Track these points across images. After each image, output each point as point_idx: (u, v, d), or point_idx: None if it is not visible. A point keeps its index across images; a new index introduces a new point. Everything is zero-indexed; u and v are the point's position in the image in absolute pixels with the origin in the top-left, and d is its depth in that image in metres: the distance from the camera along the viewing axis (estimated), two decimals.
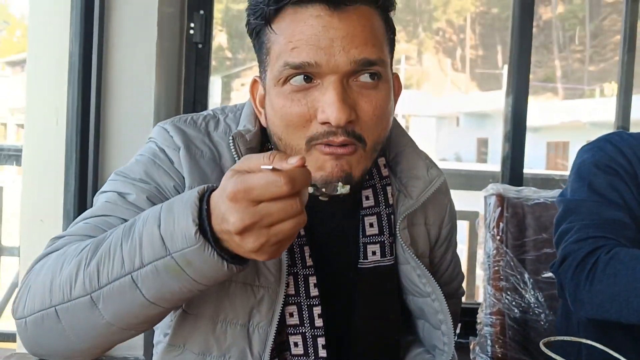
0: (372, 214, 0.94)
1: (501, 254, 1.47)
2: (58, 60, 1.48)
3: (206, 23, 1.88)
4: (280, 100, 0.83)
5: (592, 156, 1.14)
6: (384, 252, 0.94)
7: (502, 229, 1.49)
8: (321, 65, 0.79)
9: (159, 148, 0.90)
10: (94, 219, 0.82)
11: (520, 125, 1.89)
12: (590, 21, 26.54)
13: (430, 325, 0.98)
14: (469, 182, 2.84)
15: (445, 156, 21.11)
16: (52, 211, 1.50)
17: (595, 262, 1.00)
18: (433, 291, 0.94)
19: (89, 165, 1.52)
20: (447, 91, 27.26)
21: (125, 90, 1.60)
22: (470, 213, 2.86)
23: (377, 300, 0.95)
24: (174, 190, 0.87)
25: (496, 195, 1.51)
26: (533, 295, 1.44)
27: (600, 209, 1.07)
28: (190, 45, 1.87)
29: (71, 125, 1.49)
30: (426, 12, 28.00)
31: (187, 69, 1.86)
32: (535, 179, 2.47)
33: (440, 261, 1.09)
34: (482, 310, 1.48)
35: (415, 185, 0.95)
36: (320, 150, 0.81)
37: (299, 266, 0.89)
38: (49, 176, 1.51)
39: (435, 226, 1.03)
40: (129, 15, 1.64)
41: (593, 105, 15.33)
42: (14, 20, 34.44)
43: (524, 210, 1.51)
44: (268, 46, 0.85)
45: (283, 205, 0.62)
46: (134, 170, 0.88)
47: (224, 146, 0.91)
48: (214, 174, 0.88)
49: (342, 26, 0.80)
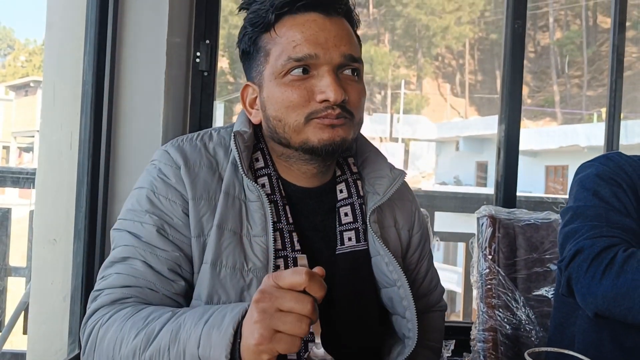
0: (347, 204, 1.09)
1: (493, 273, 1.53)
2: (72, 88, 1.56)
3: (211, 52, 1.97)
4: (282, 88, 1.00)
5: (595, 169, 1.19)
6: (358, 237, 1.08)
7: (494, 248, 1.55)
8: (319, 56, 0.98)
9: (158, 174, 1.02)
10: (122, 266, 0.97)
11: (512, 151, 1.97)
12: (587, 47, 26.84)
13: (398, 315, 1.09)
14: (464, 204, 2.93)
15: (445, 179, 21.19)
16: (64, 230, 1.57)
17: (613, 258, 1.02)
18: (399, 278, 1.06)
19: (100, 186, 1.59)
20: (447, 116, 27.46)
21: (135, 116, 1.68)
22: (466, 235, 2.93)
23: (353, 281, 1.07)
24: (180, 214, 1.00)
25: (488, 217, 1.58)
26: (524, 312, 1.50)
27: (608, 214, 1.11)
28: (196, 72, 1.95)
29: (83, 149, 1.56)
30: (425, 38, 28.34)
31: (192, 95, 1.94)
32: (528, 201, 2.55)
33: (417, 269, 1.21)
34: (475, 327, 1.54)
35: (381, 183, 1.10)
36: (319, 122, 0.99)
37: (289, 250, 1.02)
38: (62, 197, 1.58)
39: (405, 230, 1.17)
40: (140, 46, 1.72)
41: (591, 129, 15.44)
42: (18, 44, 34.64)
43: (515, 231, 1.58)
44: (267, 48, 1.02)
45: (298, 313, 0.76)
46: (140, 201, 1.01)
47: (221, 154, 1.05)
48: (213, 180, 1.02)
49: (333, 28, 1.00)
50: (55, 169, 1.59)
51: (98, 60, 1.60)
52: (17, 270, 2.84)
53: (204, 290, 0.98)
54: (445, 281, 9.85)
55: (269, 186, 1.05)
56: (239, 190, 1.02)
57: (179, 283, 0.98)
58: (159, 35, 1.75)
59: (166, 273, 0.97)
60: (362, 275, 1.08)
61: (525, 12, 2.04)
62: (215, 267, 0.98)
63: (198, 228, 1.00)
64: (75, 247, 1.56)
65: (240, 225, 1.01)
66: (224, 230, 0.99)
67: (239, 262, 0.99)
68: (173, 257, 0.98)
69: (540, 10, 26.71)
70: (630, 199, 1.14)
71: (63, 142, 1.56)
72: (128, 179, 1.65)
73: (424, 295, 1.24)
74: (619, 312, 1.01)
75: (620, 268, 1.00)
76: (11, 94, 22.60)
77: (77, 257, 1.55)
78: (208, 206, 1.00)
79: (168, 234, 0.99)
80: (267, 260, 1.00)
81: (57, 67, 1.61)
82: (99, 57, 1.60)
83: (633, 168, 1.18)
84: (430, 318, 1.26)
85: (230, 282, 0.98)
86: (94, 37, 1.59)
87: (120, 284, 0.96)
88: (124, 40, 1.70)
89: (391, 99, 26.67)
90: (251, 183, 1.01)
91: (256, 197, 1.01)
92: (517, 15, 2.03)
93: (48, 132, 1.58)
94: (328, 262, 1.06)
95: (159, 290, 0.97)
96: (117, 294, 0.95)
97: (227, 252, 0.99)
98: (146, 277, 0.96)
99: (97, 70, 1.59)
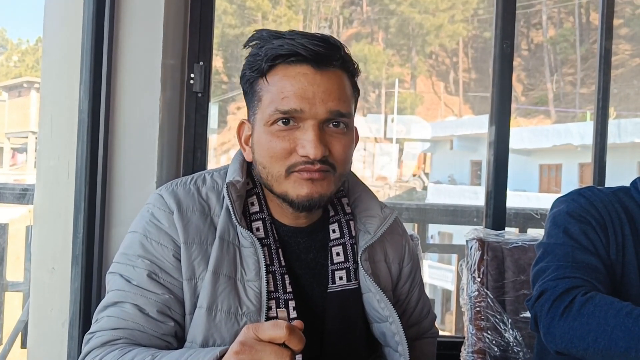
0: (339, 244, 1.13)
1: (482, 296, 1.57)
2: (69, 118, 1.59)
3: (205, 73, 1.99)
4: (268, 136, 1.03)
5: (567, 207, 1.24)
6: (349, 277, 1.11)
7: (482, 271, 1.59)
8: (305, 111, 1.01)
9: (151, 218, 1.06)
10: (113, 310, 1.02)
11: (501, 171, 1.99)
12: (580, 44, 26.93)
13: (391, 348, 1.13)
14: (456, 219, 3.00)
15: (439, 178, 21.26)
16: (62, 257, 1.60)
17: (572, 300, 1.08)
18: (390, 315, 1.10)
19: (96, 212, 1.62)
20: (441, 114, 27.52)
21: (131, 141, 1.70)
22: (458, 246, 2.96)
23: (344, 318, 1.11)
24: (171, 258, 1.04)
25: (477, 240, 1.62)
26: (512, 334, 1.54)
27: (575, 253, 1.17)
28: (190, 94, 1.97)
29: (80, 177, 1.59)
30: (419, 37, 28.36)
31: (187, 117, 1.96)
32: (517, 217, 2.59)
33: (407, 298, 1.24)
34: (464, 349, 1.58)
35: (372, 222, 1.14)
36: (298, 176, 1.02)
37: (280, 292, 1.05)
38: (59, 225, 1.60)
39: (395, 263, 1.20)
40: (135, 70, 1.74)
41: (584, 128, 15.51)
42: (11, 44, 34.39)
43: (504, 254, 1.62)
44: (260, 94, 1.05)
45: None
46: (132, 246, 1.06)
47: (213, 199, 1.08)
48: (205, 224, 1.06)
49: (323, 83, 1.02)
50: (53, 198, 1.61)
51: (94, 87, 1.62)
52: (15, 285, 2.87)
53: (199, 334, 1.02)
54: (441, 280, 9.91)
55: (263, 230, 1.08)
56: (233, 236, 1.06)
57: (168, 324, 1.02)
58: (154, 58, 1.77)
59: (155, 314, 1.01)
60: (353, 311, 1.12)
61: (514, 32, 2.07)
62: (211, 311, 1.02)
63: (190, 271, 1.03)
64: (73, 273, 1.58)
65: (234, 270, 1.04)
66: (219, 275, 1.03)
67: (234, 306, 1.03)
68: (163, 300, 1.02)
69: (534, 9, 26.76)
70: (598, 236, 1.19)
71: (60, 171, 1.59)
72: (125, 204, 1.67)
73: (415, 323, 1.28)
74: (576, 352, 1.06)
75: (578, 312, 1.06)
76: (4, 94, 22.53)
77: (75, 283, 1.58)
78: (199, 250, 1.04)
79: (159, 277, 1.03)
80: (260, 305, 1.03)
81: (53, 97, 1.63)
82: (94, 84, 1.62)
83: (603, 204, 1.22)
84: (422, 345, 1.30)
85: (225, 326, 1.02)
86: (89, 64, 1.61)
87: (110, 327, 1.00)
88: (120, 65, 1.73)
89: (385, 97, 26.69)
90: (244, 231, 1.04)
91: (249, 244, 1.05)
92: (505, 36, 2.06)
93: (45, 161, 1.61)
94: (319, 299, 1.11)
95: (147, 331, 1.00)
96: (107, 336, 1.00)
97: (223, 297, 1.02)
98: (135, 319, 1.00)
99: (93, 97, 1.61)
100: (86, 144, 1.60)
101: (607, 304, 1.05)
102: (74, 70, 1.59)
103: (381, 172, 22.58)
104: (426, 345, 1.31)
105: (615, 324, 1.01)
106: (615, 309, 1.03)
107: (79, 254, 1.59)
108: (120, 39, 1.73)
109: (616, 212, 1.21)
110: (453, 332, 4.07)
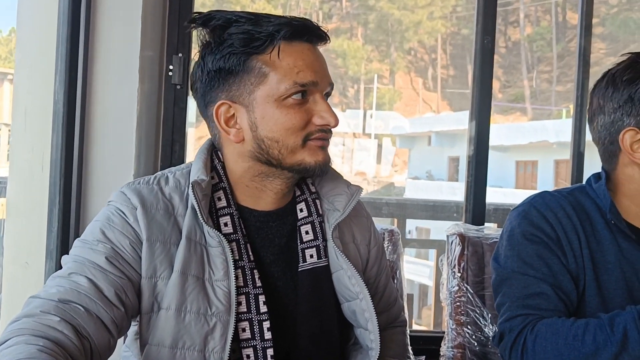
0: (307, 222, 1.14)
1: (462, 291, 1.57)
2: (43, 109, 1.55)
3: (184, 65, 1.96)
4: (283, 110, 1.04)
5: (519, 225, 1.26)
6: (319, 254, 1.12)
7: (463, 266, 1.59)
8: (318, 83, 1.05)
9: (115, 210, 1.04)
10: (64, 280, 0.97)
11: (481, 172, 2.00)
12: (557, 42, 27.28)
13: (362, 328, 1.13)
14: (436, 214, 3.01)
15: (418, 174, 21.40)
16: (36, 252, 1.56)
17: (524, 343, 1.15)
18: (361, 291, 1.11)
19: (72, 207, 1.59)
20: (419, 110, 27.67)
21: (108, 133, 1.67)
22: (438, 242, 2.98)
23: (316, 297, 1.11)
24: (129, 247, 1.02)
25: (458, 235, 1.62)
26: (491, 329, 1.55)
27: (527, 283, 1.21)
28: (168, 86, 1.94)
29: (54, 169, 1.56)
30: (398, 33, 28.45)
31: (165, 110, 1.93)
32: (497, 212, 2.60)
33: (376, 282, 1.25)
34: (444, 344, 1.58)
35: (340, 200, 1.15)
36: (313, 144, 1.06)
37: (250, 287, 1.05)
38: (33, 218, 1.57)
39: (364, 245, 1.22)
40: (113, 61, 1.71)
41: (560, 126, 15.74)
42: None
43: (484, 249, 1.62)
44: (264, 70, 1.04)
45: None
46: (93, 233, 1.03)
47: (176, 199, 1.07)
48: (169, 224, 1.04)
49: (321, 57, 1.09)
50: (26, 191, 1.58)
51: (69, 77, 1.59)
52: None
53: (168, 336, 1.00)
54: (418, 275, 9.91)
55: (231, 225, 1.07)
56: (200, 236, 1.04)
57: (120, 309, 0.98)
58: (132, 50, 1.74)
59: (110, 295, 0.97)
60: (324, 290, 1.12)
61: (494, 28, 2.08)
62: (180, 312, 1.00)
63: (151, 269, 1.01)
64: (47, 267, 1.55)
65: (202, 271, 1.03)
66: (187, 276, 1.01)
67: (203, 307, 1.01)
68: (120, 282, 0.99)
69: (512, 7, 27.02)
70: (553, 252, 1.21)
71: (35, 164, 1.56)
72: (101, 198, 1.64)
73: (384, 310, 1.27)
74: None
75: (532, 350, 1.13)
76: None
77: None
78: (162, 249, 1.02)
79: (119, 262, 1.00)
80: (229, 304, 1.02)
81: (28, 87, 1.60)
82: (70, 74, 1.59)
83: (555, 214, 1.23)
84: (392, 334, 1.30)
85: (195, 327, 1.00)
86: (65, 54, 1.58)
87: (55, 298, 0.94)
88: (96, 56, 1.70)
89: (364, 93, 26.74)
90: (211, 230, 1.02)
91: (217, 243, 1.03)
92: (486, 32, 2.06)
93: (18, 154, 1.57)
94: (291, 283, 1.12)
95: (95, 310, 0.95)
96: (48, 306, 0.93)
97: (192, 298, 1.01)
98: (88, 292, 0.95)
99: (68, 87, 1.58)
100: (61, 136, 1.57)
101: (554, 334, 1.12)
102: (49, 60, 1.56)
103: (359, 167, 22.65)
104: (396, 335, 1.31)
105: (569, 352, 1.10)
106: (563, 337, 1.11)
107: (54, 248, 1.56)
108: (98, 29, 1.70)
109: (568, 218, 1.23)
110: (431, 327, 4.10)
